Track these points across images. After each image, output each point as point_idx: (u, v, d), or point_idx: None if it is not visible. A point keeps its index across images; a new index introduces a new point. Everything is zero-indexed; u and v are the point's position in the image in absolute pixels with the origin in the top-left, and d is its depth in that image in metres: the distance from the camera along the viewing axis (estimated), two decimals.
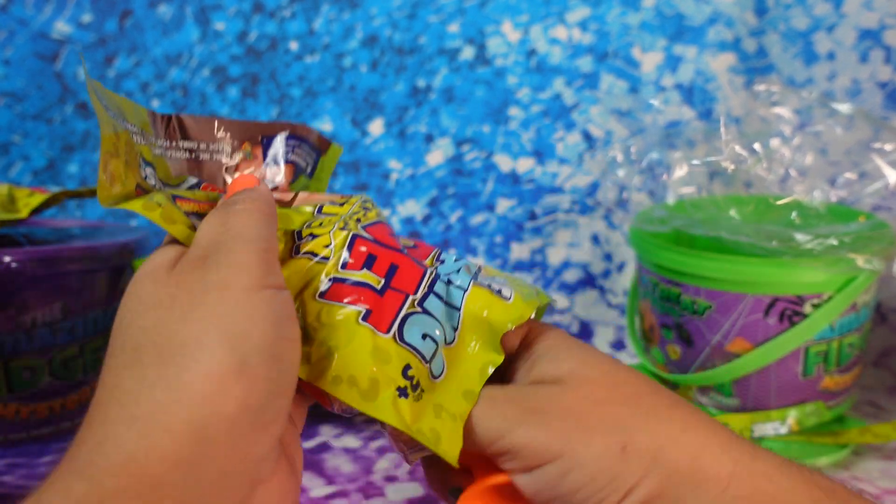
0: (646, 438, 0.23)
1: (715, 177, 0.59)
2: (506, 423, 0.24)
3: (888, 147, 0.53)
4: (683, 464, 0.23)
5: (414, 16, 0.76)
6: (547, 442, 0.23)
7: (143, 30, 0.79)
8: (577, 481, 0.23)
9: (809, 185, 0.54)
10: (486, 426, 0.24)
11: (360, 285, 0.27)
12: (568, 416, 0.24)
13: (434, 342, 0.26)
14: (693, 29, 0.70)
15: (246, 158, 0.35)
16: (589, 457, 0.23)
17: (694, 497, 0.23)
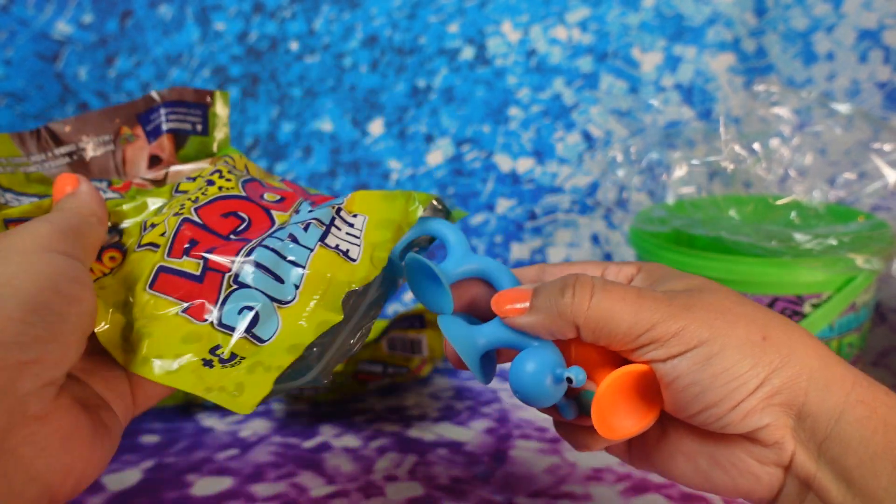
0: (782, 335, 0.25)
1: (714, 177, 0.59)
2: (657, 314, 0.25)
3: (887, 147, 0.53)
4: (814, 363, 0.25)
5: (414, 16, 0.76)
6: (696, 329, 0.25)
7: (144, 30, 0.79)
8: (721, 365, 0.24)
9: (809, 186, 0.54)
10: (636, 318, 0.25)
11: (181, 275, 0.28)
12: (711, 309, 0.25)
13: (253, 310, 0.27)
14: (693, 29, 0.70)
15: (129, 141, 0.36)
16: (733, 342, 0.24)
17: (821, 394, 0.24)
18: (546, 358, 0.26)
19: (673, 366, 0.25)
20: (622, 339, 0.25)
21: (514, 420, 0.56)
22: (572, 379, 0.25)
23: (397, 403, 0.59)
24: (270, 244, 0.29)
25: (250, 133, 0.79)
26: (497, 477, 0.47)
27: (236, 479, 0.47)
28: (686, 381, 0.25)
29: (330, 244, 0.29)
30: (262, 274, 0.28)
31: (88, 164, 0.35)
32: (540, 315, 0.26)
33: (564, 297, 0.26)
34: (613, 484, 0.46)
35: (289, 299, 0.27)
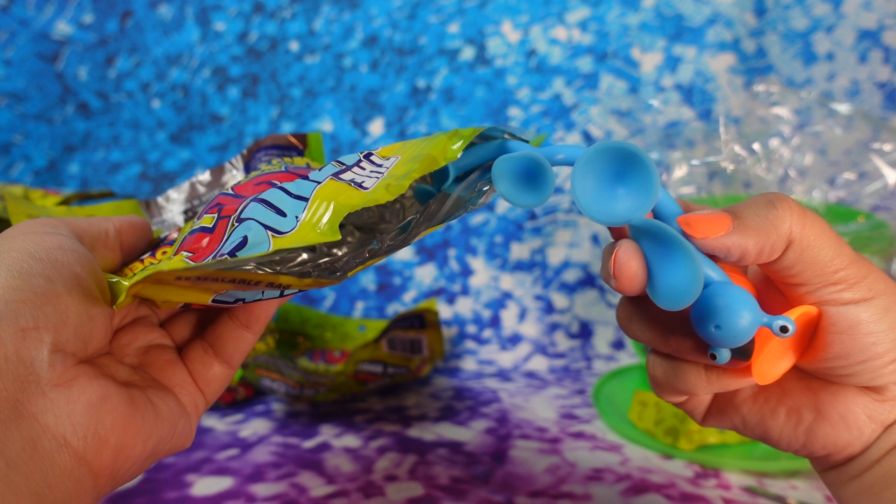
0: None
1: (714, 177, 0.59)
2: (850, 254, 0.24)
3: (887, 147, 0.53)
4: None
5: (414, 16, 0.76)
6: (877, 278, 0.24)
7: (144, 30, 0.79)
8: (889, 320, 0.24)
9: (809, 185, 0.54)
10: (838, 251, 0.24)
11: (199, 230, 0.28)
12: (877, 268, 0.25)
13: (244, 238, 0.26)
14: (692, 29, 0.70)
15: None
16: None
17: None
18: (755, 303, 0.23)
19: (854, 311, 0.24)
20: (820, 269, 0.24)
21: (513, 420, 0.56)
22: (788, 328, 0.23)
23: (397, 403, 0.59)
24: (283, 185, 0.28)
25: (250, 133, 0.79)
26: (497, 477, 0.47)
27: (236, 479, 0.47)
28: (869, 328, 0.24)
29: (344, 178, 0.28)
30: (264, 208, 0.27)
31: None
32: (750, 232, 0.24)
33: (778, 210, 0.24)
34: (613, 484, 0.45)
35: (286, 230, 0.26)
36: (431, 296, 0.75)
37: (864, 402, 0.26)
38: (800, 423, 0.27)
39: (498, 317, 0.73)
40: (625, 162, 0.23)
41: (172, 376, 0.28)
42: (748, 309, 0.23)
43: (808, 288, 0.25)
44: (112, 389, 0.24)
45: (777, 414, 0.27)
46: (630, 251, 0.24)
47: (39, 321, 0.23)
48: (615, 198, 0.23)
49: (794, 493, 0.44)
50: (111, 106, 0.80)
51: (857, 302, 0.24)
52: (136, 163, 0.80)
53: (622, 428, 0.53)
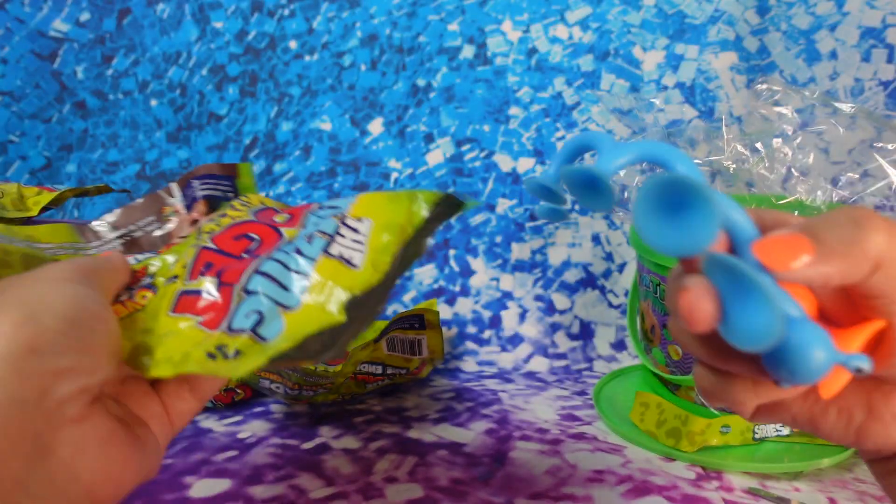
0: None
1: (717, 176, 0.58)
2: None
3: (891, 146, 0.53)
4: None
5: (414, 14, 0.75)
6: None
7: (142, 28, 0.78)
8: None
9: (811, 185, 0.54)
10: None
11: (198, 293, 0.31)
12: None
13: (259, 314, 0.29)
14: (694, 28, 0.70)
15: (170, 219, 0.41)
16: None
17: None
18: (827, 341, 0.21)
19: None
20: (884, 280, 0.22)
21: (514, 421, 0.55)
22: (864, 369, 0.22)
23: (397, 404, 0.59)
24: (278, 257, 0.31)
25: (249, 132, 0.79)
26: (497, 478, 0.47)
27: (235, 480, 0.47)
28: None
29: (333, 253, 0.31)
30: (268, 281, 0.30)
31: (139, 242, 0.40)
32: (835, 259, 0.22)
33: (865, 230, 0.22)
34: (615, 486, 0.45)
35: (293, 304, 0.29)
36: (431, 296, 0.74)
37: None
38: (851, 422, 0.26)
39: (498, 317, 0.73)
40: (683, 194, 0.21)
41: (147, 408, 0.30)
42: (823, 349, 0.21)
43: (884, 301, 0.23)
44: (115, 426, 0.26)
45: (827, 413, 0.26)
46: (702, 291, 0.22)
47: (76, 365, 0.24)
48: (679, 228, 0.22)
49: (797, 495, 0.44)
50: (108, 105, 0.79)
51: None
52: (133, 162, 0.80)
53: (623, 429, 0.52)
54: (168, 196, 0.42)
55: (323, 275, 0.30)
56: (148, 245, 0.40)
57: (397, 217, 0.32)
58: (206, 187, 0.41)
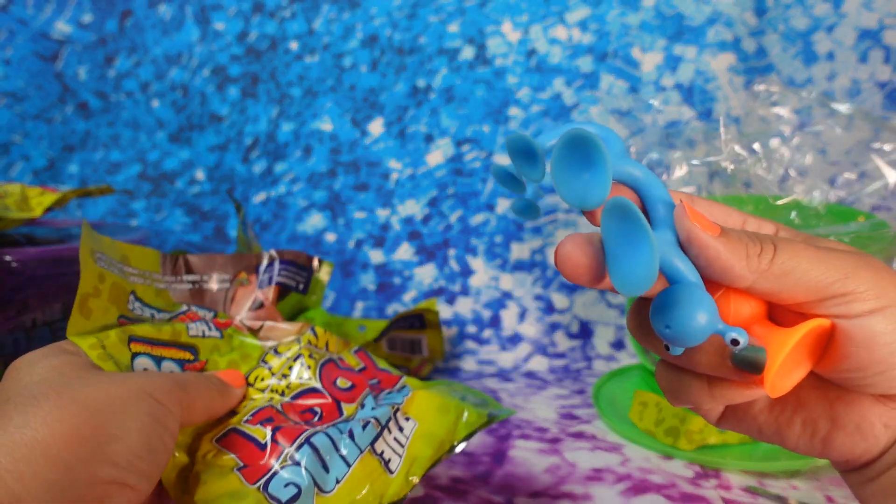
0: None
1: (714, 177, 0.59)
2: (847, 266, 0.24)
3: (888, 147, 0.53)
4: None
5: (414, 16, 0.76)
6: (885, 285, 0.24)
7: (144, 30, 0.79)
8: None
9: (809, 185, 0.54)
10: (823, 270, 0.24)
11: (249, 438, 0.33)
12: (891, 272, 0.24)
13: (297, 488, 0.31)
14: (693, 29, 0.70)
15: (242, 284, 0.43)
16: None
17: None
18: (713, 308, 0.23)
19: (868, 323, 0.24)
20: (808, 286, 0.24)
21: (513, 420, 0.56)
22: (739, 341, 0.22)
23: None
24: (331, 433, 0.33)
25: (250, 133, 0.79)
26: (497, 477, 0.47)
27: None
28: (886, 339, 0.24)
29: (377, 450, 0.34)
30: (314, 458, 0.32)
31: (205, 294, 0.42)
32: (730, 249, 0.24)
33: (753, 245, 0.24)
34: (614, 484, 0.45)
35: (328, 489, 0.32)
36: (431, 295, 0.75)
37: (879, 410, 0.26)
38: (816, 433, 0.26)
39: (498, 317, 0.73)
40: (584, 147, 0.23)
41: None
42: (704, 312, 0.22)
43: (810, 307, 0.24)
44: None
45: (793, 424, 0.27)
46: (576, 242, 0.24)
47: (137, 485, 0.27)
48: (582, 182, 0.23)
49: (795, 494, 0.44)
50: (110, 105, 0.80)
51: (870, 313, 0.24)
52: (135, 162, 0.80)
53: (622, 428, 0.53)
54: (252, 263, 0.44)
55: (362, 471, 0.33)
56: (210, 301, 0.42)
57: (440, 429, 0.36)
58: (285, 274, 0.44)
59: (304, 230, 0.78)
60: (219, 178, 0.80)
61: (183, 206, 0.80)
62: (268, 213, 0.79)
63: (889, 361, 0.24)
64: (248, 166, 0.79)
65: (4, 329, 0.50)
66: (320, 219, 0.78)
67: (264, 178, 0.79)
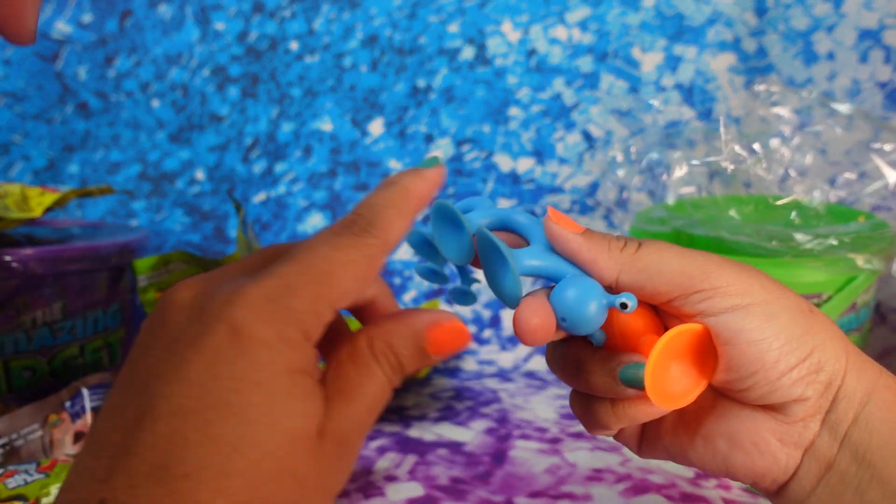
0: (825, 318, 0.25)
1: (715, 177, 0.59)
2: (711, 264, 0.24)
3: (888, 147, 0.53)
4: (850, 346, 0.25)
5: (414, 16, 0.76)
6: (756, 285, 0.24)
7: (144, 30, 0.79)
8: (783, 324, 0.24)
9: (809, 185, 0.54)
10: (687, 262, 0.24)
11: None
12: (763, 275, 0.25)
13: None
14: (693, 29, 0.70)
15: (55, 426, 0.42)
16: (789, 306, 0.24)
17: (856, 376, 0.24)
18: (596, 286, 0.24)
19: (732, 319, 0.24)
20: (670, 281, 0.24)
21: (513, 420, 0.56)
22: (627, 304, 0.23)
23: (397, 403, 0.59)
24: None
25: (250, 133, 0.79)
26: (497, 477, 0.47)
27: None
28: (752, 336, 0.24)
29: None
30: None
31: (20, 451, 0.41)
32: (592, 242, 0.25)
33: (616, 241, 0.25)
34: (614, 484, 0.45)
35: None
36: (431, 296, 0.75)
37: (771, 425, 0.25)
38: (716, 452, 0.26)
39: (498, 317, 0.73)
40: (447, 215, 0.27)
41: None
42: (586, 292, 0.24)
43: (678, 303, 0.25)
44: None
45: (695, 444, 0.27)
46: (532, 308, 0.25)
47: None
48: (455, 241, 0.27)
49: None
50: (111, 105, 0.80)
51: (734, 309, 0.24)
52: (135, 162, 0.80)
53: None
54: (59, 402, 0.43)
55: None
56: (28, 456, 0.41)
57: None
58: (96, 397, 0.43)
59: (304, 230, 0.78)
60: (219, 178, 0.80)
61: (183, 206, 0.80)
62: (268, 213, 0.79)
63: (761, 361, 0.24)
64: (248, 166, 0.79)
65: (4, 329, 0.50)
66: (320, 219, 0.78)
67: (264, 178, 0.79)
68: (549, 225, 0.25)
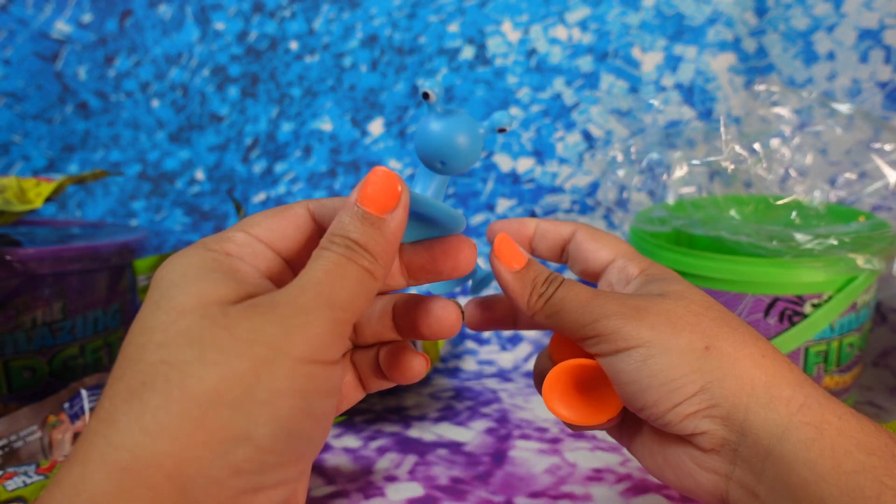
0: (729, 348, 0.26)
1: (715, 177, 0.59)
2: (603, 311, 0.27)
3: (888, 147, 0.53)
4: (759, 381, 0.25)
5: (414, 15, 0.76)
6: (637, 330, 0.26)
7: (143, 29, 0.79)
8: (657, 367, 0.25)
9: (809, 185, 0.54)
10: (582, 311, 0.27)
11: None
12: (661, 315, 0.26)
13: None
14: (693, 29, 0.70)
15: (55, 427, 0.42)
16: (674, 347, 0.25)
17: (762, 412, 0.24)
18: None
19: (614, 361, 0.26)
20: (570, 327, 0.27)
21: (514, 420, 0.56)
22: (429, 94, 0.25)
23: (397, 404, 0.59)
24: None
25: (250, 133, 0.79)
26: (497, 477, 0.47)
27: None
28: (627, 377, 0.26)
29: None
30: None
31: (19, 453, 0.41)
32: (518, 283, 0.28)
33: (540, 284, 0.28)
34: (614, 485, 0.45)
35: None
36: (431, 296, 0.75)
37: (688, 451, 0.27)
38: (657, 464, 0.29)
39: None
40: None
41: None
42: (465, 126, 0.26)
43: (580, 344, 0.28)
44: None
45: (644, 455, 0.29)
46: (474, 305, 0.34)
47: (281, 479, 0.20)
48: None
49: None
50: (110, 105, 0.80)
51: (616, 352, 0.26)
52: (135, 162, 0.80)
53: None
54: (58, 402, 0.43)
55: None
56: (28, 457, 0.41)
57: None
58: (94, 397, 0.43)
59: None
60: (219, 178, 0.80)
61: (183, 206, 0.80)
62: None
63: (643, 399, 0.26)
64: (248, 166, 0.79)
65: (4, 329, 0.50)
66: None
67: (264, 178, 0.79)
68: (492, 257, 0.29)
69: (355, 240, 0.22)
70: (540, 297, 0.28)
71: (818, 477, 0.23)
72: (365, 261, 0.22)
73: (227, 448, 0.19)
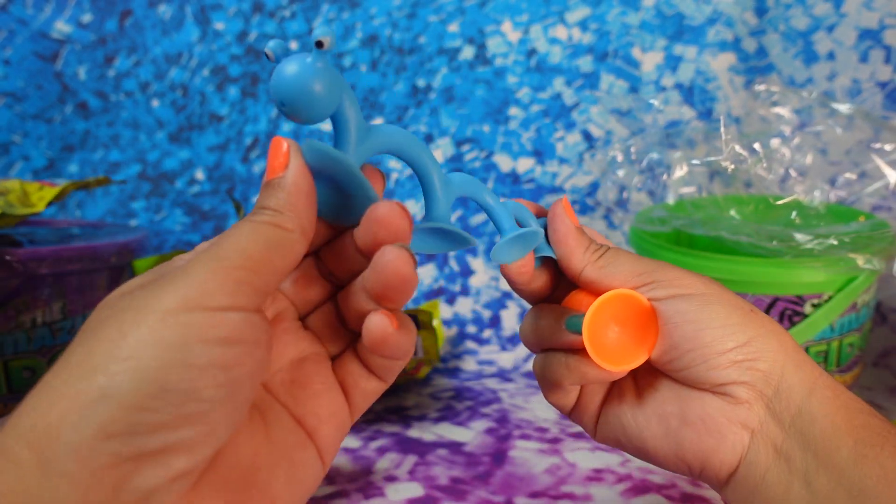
0: (764, 316, 0.29)
1: (715, 177, 0.59)
2: (656, 264, 0.29)
3: (888, 147, 0.53)
4: (790, 344, 0.28)
5: (414, 15, 0.76)
6: (694, 281, 0.28)
7: (143, 29, 0.79)
8: (717, 311, 0.27)
9: (809, 185, 0.54)
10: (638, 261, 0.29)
11: None
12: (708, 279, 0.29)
13: None
14: (693, 29, 0.70)
15: None
16: (727, 300, 0.28)
17: (796, 371, 0.27)
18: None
19: (674, 302, 0.28)
20: (624, 275, 0.29)
21: (514, 420, 0.56)
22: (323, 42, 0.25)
23: (397, 404, 0.59)
24: None
25: (250, 133, 0.79)
26: (497, 477, 0.47)
27: None
28: (688, 317, 0.27)
29: None
30: None
31: None
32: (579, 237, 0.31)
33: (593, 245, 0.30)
34: (614, 484, 0.45)
35: None
36: (432, 296, 0.75)
37: (718, 404, 0.28)
38: (669, 430, 0.29)
39: (498, 317, 0.73)
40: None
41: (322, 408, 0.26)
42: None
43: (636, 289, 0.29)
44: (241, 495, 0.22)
45: (650, 422, 0.29)
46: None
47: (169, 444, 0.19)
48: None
49: None
50: (110, 105, 0.80)
51: (676, 296, 0.28)
52: (135, 162, 0.80)
53: None
54: None
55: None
56: None
57: None
58: None
59: None
60: (218, 178, 0.80)
61: (182, 206, 0.80)
62: None
63: (697, 339, 0.27)
64: (248, 166, 0.79)
65: (4, 329, 0.50)
66: None
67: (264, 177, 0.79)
68: (557, 206, 0.32)
69: (258, 204, 0.24)
70: (596, 250, 0.30)
71: (836, 428, 0.25)
72: (265, 216, 0.23)
73: (88, 410, 0.18)
